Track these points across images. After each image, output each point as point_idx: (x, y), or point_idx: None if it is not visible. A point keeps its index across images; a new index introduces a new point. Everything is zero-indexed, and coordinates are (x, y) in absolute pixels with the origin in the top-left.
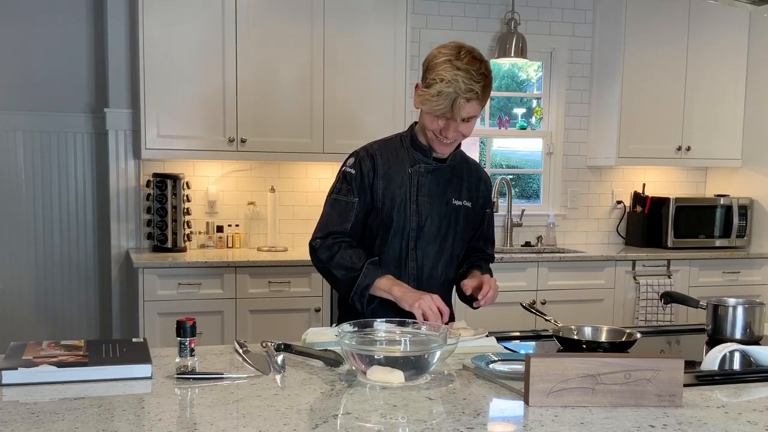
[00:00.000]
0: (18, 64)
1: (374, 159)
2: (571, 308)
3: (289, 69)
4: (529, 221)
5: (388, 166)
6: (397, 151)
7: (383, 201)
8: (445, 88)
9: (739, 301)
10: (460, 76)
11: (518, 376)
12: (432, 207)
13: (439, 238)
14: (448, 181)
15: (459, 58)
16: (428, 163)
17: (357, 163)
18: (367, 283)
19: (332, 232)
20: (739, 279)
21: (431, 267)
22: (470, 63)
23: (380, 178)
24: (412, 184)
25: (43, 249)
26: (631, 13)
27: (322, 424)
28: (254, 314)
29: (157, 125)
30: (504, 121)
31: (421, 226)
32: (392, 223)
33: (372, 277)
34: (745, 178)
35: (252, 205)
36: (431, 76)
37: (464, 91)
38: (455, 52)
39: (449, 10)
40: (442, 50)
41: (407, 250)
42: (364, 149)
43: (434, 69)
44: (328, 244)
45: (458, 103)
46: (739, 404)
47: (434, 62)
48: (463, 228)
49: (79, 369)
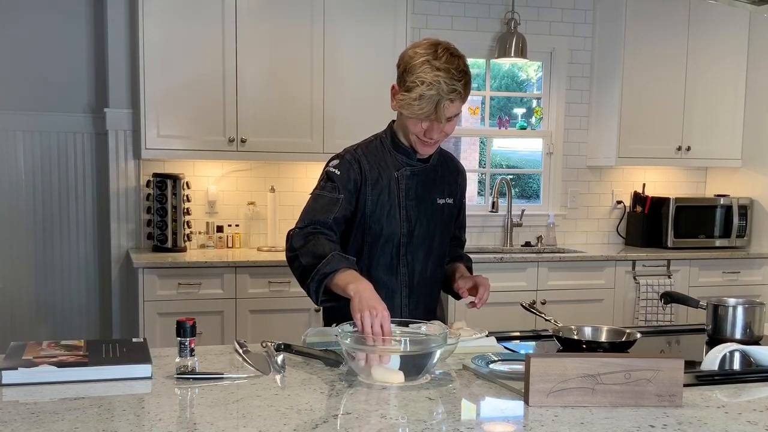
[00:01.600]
0: (18, 64)
1: (360, 164)
2: (571, 308)
3: (288, 69)
4: (529, 221)
5: (376, 171)
6: (380, 154)
7: (373, 209)
8: (426, 91)
9: (739, 301)
10: (441, 77)
11: (518, 376)
12: (420, 210)
13: (428, 241)
14: (432, 181)
15: (437, 57)
16: (413, 165)
17: (343, 165)
18: (327, 271)
19: (314, 221)
20: (739, 279)
21: (421, 270)
22: (449, 61)
23: (368, 185)
24: (400, 189)
25: (43, 249)
26: (631, 13)
27: (322, 424)
28: (254, 314)
29: (157, 125)
30: (504, 121)
31: (411, 231)
32: (382, 231)
33: (335, 266)
34: (745, 178)
35: (252, 205)
36: (411, 79)
37: (447, 92)
38: (432, 50)
39: (449, 10)
40: (417, 50)
41: (398, 256)
42: (349, 153)
43: (413, 71)
44: (305, 233)
45: (442, 105)
46: (739, 404)
47: (412, 63)
48: (447, 225)
49: (79, 369)
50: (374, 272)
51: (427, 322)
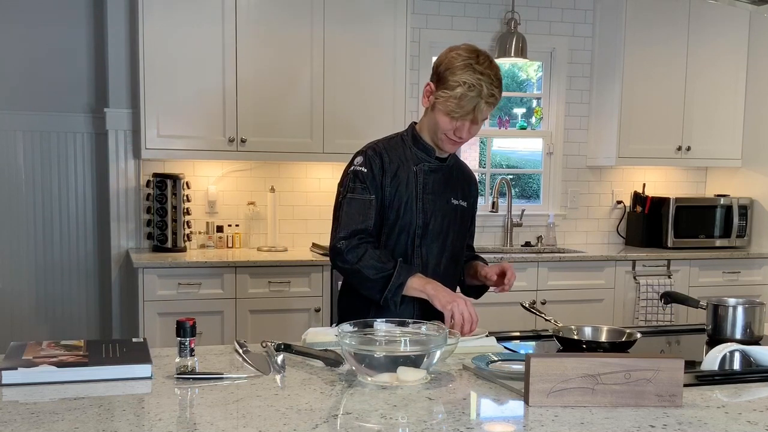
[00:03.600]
0: (18, 64)
1: (382, 157)
2: (571, 308)
3: (288, 69)
4: (529, 221)
5: (396, 164)
6: (400, 150)
7: (392, 199)
8: (468, 92)
9: (739, 301)
10: (483, 81)
11: (518, 376)
12: (436, 205)
13: (441, 236)
14: (447, 180)
15: (479, 62)
16: (431, 162)
17: (367, 161)
18: (401, 281)
19: (356, 230)
20: (739, 279)
21: (435, 264)
22: (489, 68)
23: (389, 177)
24: (418, 182)
25: (43, 249)
26: (631, 13)
27: (322, 424)
28: (254, 314)
29: (157, 125)
30: (504, 121)
31: (426, 224)
32: (398, 221)
33: (405, 275)
34: (745, 178)
35: (252, 205)
36: (453, 79)
37: (487, 96)
38: (474, 56)
39: (449, 10)
40: (460, 53)
41: (413, 247)
42: (371, 148)
43: (455, 72)
44: (354, 245)
45: (480, 107)
46: (739, 404)
47: (454, 65)
48: (460, 226)
49: (79, 369)
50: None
51: (427, 322)
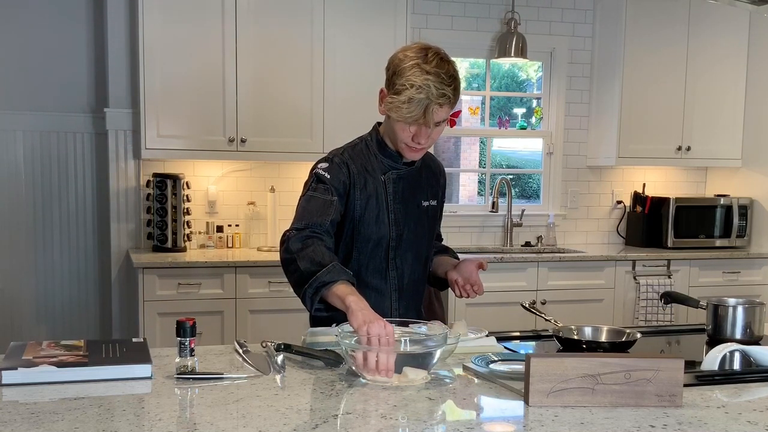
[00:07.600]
0: (18, 64)
1: (349, 168)
2: (571, 308)
3: (288, 69)
4: (529, 221)
5: (363, 176)
6: (366, 158)
7: (362, 213)
8: (416, 95)
9: (739, 301)
10: (431, 80)
11: (518, 376)
12: (407, 214)
13: (416, 244)
14: (416, 183)
15: (427, 61)
16: (398, 168)
17: (333, 168)
18: (327, 280)
19: (312, 223)
20: (739, 279)
21: (410, 273)
22: (439, 66)
23: (357, 190)
24: (387, 193)
25: (43, 249)
26: (631, 13)
27: (322, 424)
28: (254, 314)
29: (157, 125)
30: (504, 121)
31: (400, 235)
32: (372, 236)
33: (334, 276)
34: (745, 178)
35: (252, 205)
36: (400, 82)
37: (437, 97)
38: (422, 54)
39: (449, 10)
40: (407, 53)
41: (387, 260)
42: (337, 156)
43: (402, 74)
44: (304, 236)
45: (431, 109)
46: (739, 404)
47: (401, 66)
48: (431, 227)
49: (79, 369)
50: (364, 276)
51: (427, 322)
